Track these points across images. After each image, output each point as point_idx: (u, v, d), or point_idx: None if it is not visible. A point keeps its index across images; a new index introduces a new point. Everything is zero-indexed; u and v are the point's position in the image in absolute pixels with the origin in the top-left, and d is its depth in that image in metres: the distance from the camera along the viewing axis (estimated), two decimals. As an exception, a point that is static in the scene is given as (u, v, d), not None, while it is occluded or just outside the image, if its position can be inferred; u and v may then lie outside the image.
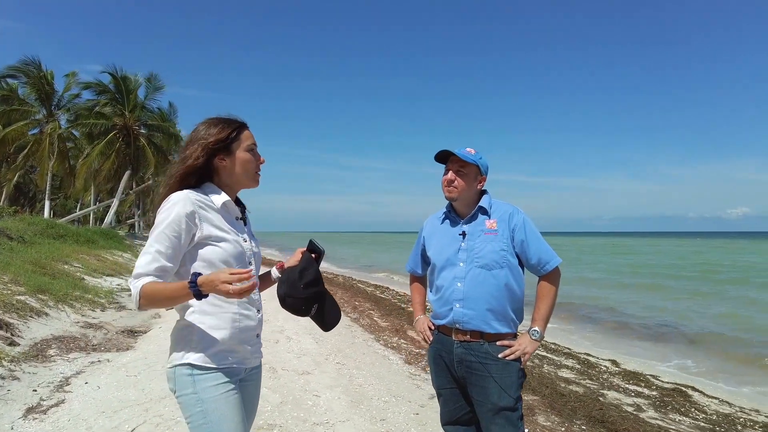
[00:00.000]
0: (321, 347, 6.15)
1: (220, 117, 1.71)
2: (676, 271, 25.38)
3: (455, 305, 2.22)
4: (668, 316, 11.71)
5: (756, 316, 11.87)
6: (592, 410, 4.56)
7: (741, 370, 7.29)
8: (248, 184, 1.71)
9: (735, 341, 9.24)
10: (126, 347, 6.01)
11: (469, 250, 2.23)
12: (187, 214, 1.54)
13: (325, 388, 4.47)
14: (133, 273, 1.52)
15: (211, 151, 1.64)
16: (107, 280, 10.76)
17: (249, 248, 1.70)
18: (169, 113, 30.58)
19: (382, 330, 8.03)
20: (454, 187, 2.26)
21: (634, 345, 8.78)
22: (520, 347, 2.18)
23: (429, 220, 2.50)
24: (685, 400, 5.41)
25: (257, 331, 1.71)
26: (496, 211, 2.28)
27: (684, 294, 16.03)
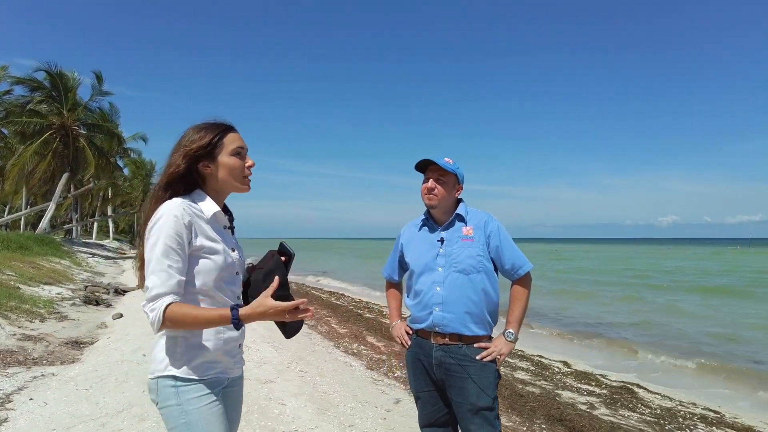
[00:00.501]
0: (281, 355, 6.05)
1: (206, 122, 1.66)
2: (613, 276, 26.82)
3: (434, 309, 2.28)
4: (606, 320, 12.35)
5: (682, 319, 12.76)
6: (550, 409, 4.75)
7: (674, 368, 7.81)
8: (237, 189, 1.66)
9: (667, 342, 9.88)
10: (71, 360, 5.67)
11: (447, 256, 2.30)
12: (185, 224, 1.51)
13: (290, 396, 4.41)
14: (150, 294, 1.46)
15: (193, 158, 1.59)
16: (45, 289, 10.09)
17: (237, 258, 1.67)
18: (110, 114, 29.18)
19: (341, 337, 7.99)
20: (434, 195, 2.32)
21: (580, 347, 9.20)
22: (496, 348, 2.26)
23: (406, 228, 2.56)
24: (632, 396, 5.73)
25: (240, 341, 1.68)
26: (473, 219, 2.38)
27: (618, 298, 16.94)
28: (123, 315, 8.34)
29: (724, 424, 5.02)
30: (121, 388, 4.38)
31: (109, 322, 7.98)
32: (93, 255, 23.15)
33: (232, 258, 1.62)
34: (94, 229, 41.12)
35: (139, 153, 36.28)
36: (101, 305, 9.68)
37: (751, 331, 11.06)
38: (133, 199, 36.06)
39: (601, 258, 48.25)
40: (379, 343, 7.57)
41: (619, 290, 19.16)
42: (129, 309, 8.99)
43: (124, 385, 4.44)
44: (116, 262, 23.05)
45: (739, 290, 19.29)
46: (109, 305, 9.83)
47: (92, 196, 37.21)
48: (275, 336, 6.89)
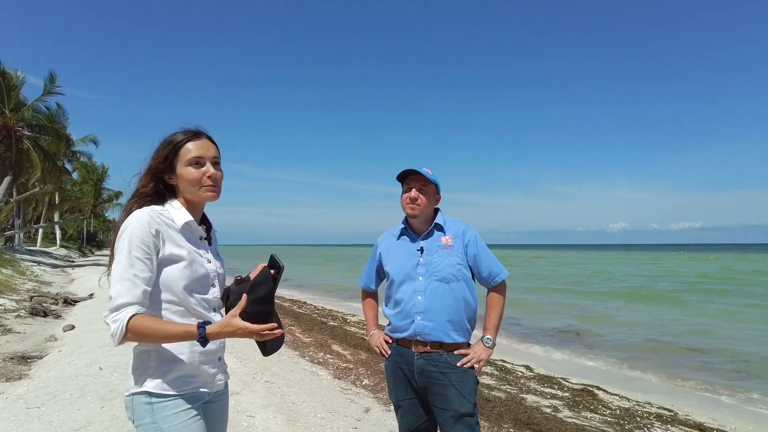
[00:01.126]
0: (246, 366, 5.90)
1: (169, 135, 1.63)
2: (567, 279, 27.72)
3: (416, 318, 2.30)
4: (562, 323, 12.75)
5: (620, 325, 13.34)
6: (517, 414, 4.84)
7: (627, 369, 8.13)
8: (201, 198, 1.61)
9: (616, 343, 10.30)
10: (18, 376, 5.32)
11: (427, 265, 2.33)
12: (152, 233, 1.48)
13: (258, 407, 4.30)
14: (112, 304, 1.41)
15: (156, 176, 1.61)
16: (-14, 301, 9.46)
17: (213, 269, 1.63)
18: (58, 114, 27.78)
19: (306, 346, 7.87)
20: (417, 205, 2.34)
21: (539, 349, 9.44)
22: (476, 355, 2.31)
23: (384, 237, 2.56)
24: (593, 398, 5.92)
25: (219, 354, 1.64)
26: (451, 228, 2.42)
27: (569, 301, 17.54)
28: (75, 326, 7.91)
29: (677, 422, 5.27)
30: (77, 404, 4.14)
31: (60, 334, 7.55)
32: (38, 263, 21.92)
33: (206, 269, 1.58)
34: (38, 236, 38.93)
35: (89, 156, 34.75)
36: (50, 316, 9.15)
37: (692, 334, 11.69)
38: (82, 204, 34.36)
39: (547, 264, 49.77)
40: (345, 351, 7.51)
41: (559, 296, 19.81)
42: (81, 320, 8.55)
43: (80, 402, 4.20)
44: (64, 270, 21.88)
45: (673, 296, 20.33)
46: (58, 316, 9.31)
47: (37, 201, 35.26)
48: (239, 346, 6.72)
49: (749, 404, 6.26)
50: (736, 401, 6.38)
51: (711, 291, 21.08)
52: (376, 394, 5.19)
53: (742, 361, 8.79)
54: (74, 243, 50.91)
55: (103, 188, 33.25)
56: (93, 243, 60.18)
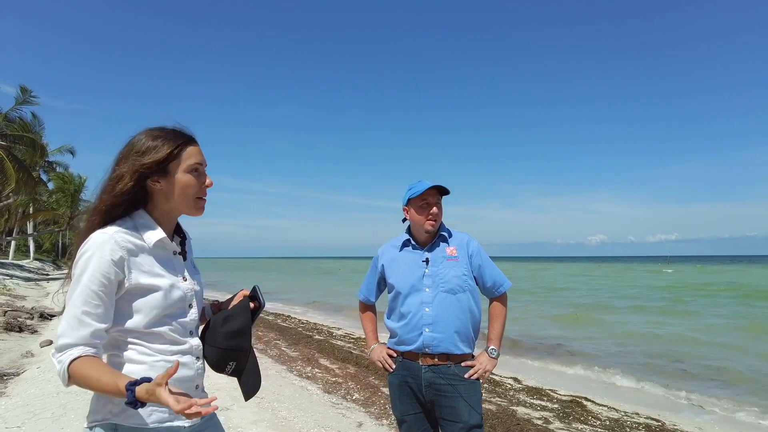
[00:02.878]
0: (233, 382, 5.75)
1: (162, 128, 1.42)
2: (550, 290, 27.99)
3: (425, 330, 2.28)
4: (546, 333, 12.85)
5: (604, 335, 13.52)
6: (509, 426, 4.83)
7: (614, 380, 8.22)
8: (188, 211, 1.44)
9: (600, 354, 10.42)
10: (-6, 394, 5.12)
11: (433, 276, 2.31)
12: (115, 261, 1.28)
13: (250, 423, 4.20)
14: (57, 343, 1.24)
15: (143, 174, 1.36)
16: (-42, 316, 9.10)
17: (189, 288, 1.44)
18: (33, 124, 27.19)
19: (293, 360, 7.75)
20: (436, 221, 2.35)
21: (526, 361, 9.48)
22: (481, 366, 2.31)
23: (385, 249, 2.53)
24: (582, 409, 5.95)
25: (196, 381, 1.45)
26: (455, 239, 2.42)
27: (553, 312, 17.72)
28: (53, 342, 7.65)
29: (666, 431, 5.32)
30: (59, 423, 4.00)
31: (37, 350, 7.31)
32: (11, 277, 21.23)
33: (182, 290, 1.40)
34: (11, 249, 37.77)
35: (65, 167, 34.02)
36: (25, 332, 8.86)
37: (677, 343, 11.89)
38: (58, 216, 33.50)
39: (526, 275, 50.28)
40: (332, 365, 7.41)
41: (542, 307, 20.01)
42: (58, 335, 8.29)
43: (62, 420, 4.06)
44: (38, 284, 21.25)
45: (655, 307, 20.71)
46: (34, 331, 9.01)
47: (10, 213, 34.25)
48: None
49: (733, 413, 6.37)
50: (721, 411, 6.49)
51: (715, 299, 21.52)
52: (367, 408, 5.12)
53: (723, 370, 8.97)
54: (48, 256, 49.55)
55: (81, 199, 32.50)
56: (68, 255, 58.64)
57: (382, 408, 5.15)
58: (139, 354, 1.34)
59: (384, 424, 4.62)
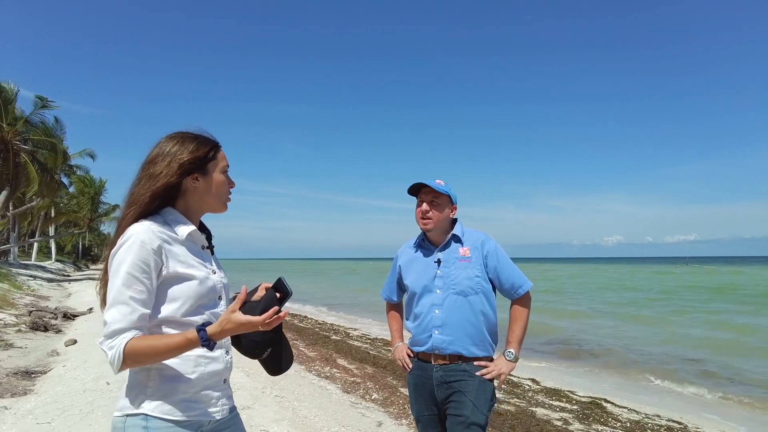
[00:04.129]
0: (254, 381, 5.85)
1: (193, 132, 1.52)
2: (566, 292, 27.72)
3: (434, 332, 2.26)
4: (564, 335, 12.74)
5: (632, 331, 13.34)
6: (529, 427, 4.82)
7: (633, 382, 8.13)
8: (218, 208, 1.54)
9: (619, 356, 10.29)
10: (23, 391, 5.26)
11: (444, 277, 2.29)
12: (154, 250, 1.35)
13: (271, 422, 4.26)
14: (108, 330, 1.28)
15: (187, 170, 1.44)
16: (-15, 315, 9.36)
17: (219, 280, 1.50)
18: (54, 128, 27.76)
19: (311, 360, 7.82)
20: (428, 218, 2.31)
21: (542, 362, 9.42)
22: (496, 368, 2.26)
23: (403, 249, 2.53)
24: (602, 411, 5.90)
25: (225, 375, 1.49)
26: (469, 239, 2.36)
27: (571, 314, 17.54)
28: (77, 341, 7.84)
29: (689, 435, 5.25)
30: (88, 420, 4.10)
31: (62, 349, 7.48)
32: (34, 278, 21.72)
33: (213, 281, 1.47)
34: (33, 250, 38.61)
35: (86, 170, 34.67)
36: (50, 331, 9.07)
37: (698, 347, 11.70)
38: (78, 218, 34.17)
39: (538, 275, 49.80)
40: (350, 365, 7.46)
41: (560, 309, 19.81)
42: (82, 334, 8.47)
43: (90, 417, 4.16)
44: (61, 284, 21.71)
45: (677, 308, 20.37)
46: (59, 331, 9.22)
47: (32, 215, 35.04)
48: (245, 361, 6.67)
49: (761, 416, 6.27)
50: (747, 413, 6.38)
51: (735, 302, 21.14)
52: (386, 408, 5.15)
53: (747, 372, 8.81)
54: (69, 257, 50.53)
55: (101, 202, 33.13)
56: (88, 257, 59.77)
57: (401, 408, 5.17)
58: None
59: (403, 424, 4.64)
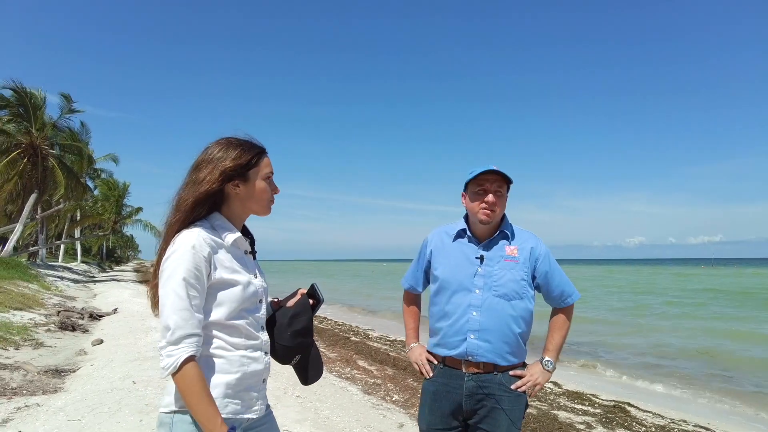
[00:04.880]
0: (276, 381, 5.91)
1: (239, 139, 1.56)
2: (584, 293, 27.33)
3: (469, 336, 2.04)
4: (586, 338, 12.55)
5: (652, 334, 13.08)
6: (551, 430, 4.79)
7: (658, 386, 7.97)
8: (260, 212, 1.58)
9: (642, 359, 10.11)
10: (54, 389, 5.40)
11: (486, 277, 2.05)
12: (205, 257, 1.40)
13: (294, 422, 4.31)
14: (172, 336, 1.33)
15: (228, 176, 1.48)
16: (16, 315, 9.63)
17: (260, 285, 1.55)
18: (81, 133, 28.47)
19: (332, 361, 7.87)
20: (493, 211, 2.05)
21: (564, 365, 9.30)
22: (532, 378, 2.07)
23: (437, 235, 2.23)
24: (625, 415, 5.81)
25: (264, 375, 1.55)
26: (518, 238, 2.13)
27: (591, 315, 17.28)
28: (103, 341, 8.02)
29: (717, 441, 5.15)
30: (116, 417, 4.19)
31: (89, 348, 7.66)
32: (61, 278, 22.28)
33: (255, 286, 1.52)
34: (60, 252, 39.64)
35: (110, 174, 35.44)
36: (78, 331, 9.29)
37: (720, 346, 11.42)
38: (103, 221, 34.98)
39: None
40: (371, 367, 7.49)
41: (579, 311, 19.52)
42: (108, 334, 8.66)
43: (118, 415, 4.26)
44: (86, 285, 22.22)
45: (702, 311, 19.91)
46: (85, 331, 9.44)
47: (59, 218, 35.96)
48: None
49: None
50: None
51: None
52: (407, 410, 5.17)
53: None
54: (94, 259, 51.71)
55: (124, 204, 33.85)
56: (112, 259, 61.07)
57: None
58: (218, 348, 1.44)
59: (424, 426, 4.64)
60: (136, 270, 47.08)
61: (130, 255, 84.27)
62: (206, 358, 1.43)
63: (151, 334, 8.22)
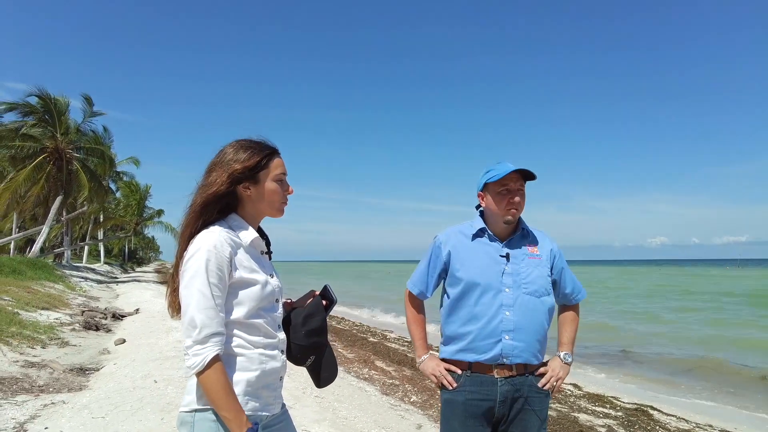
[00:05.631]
0: (294, 381, 5.94)
1: (251, 140, 1.57)
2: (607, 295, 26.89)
3: (504, 337, 1.98)
4: (606, 340, 12.35)
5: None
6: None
7: (681, 389, 7.79)
8: (271, 214, 1.59)
9: (665, 362, 9.89)
10: (78, 387, 5.53)
11: (514, 275, 2.02)
12: (227, 257, 1.42)
13: (312, 422, 4.33)
14: (198, 335, 1.34)
15: (237, 179, 1.49)
16: (43, 314, 9.88)
17: (276, 284, 1.57)
18: (103, 137, 29.10)
19: (350, 362, 7.89)
20: (518, 210, 2.06)
21: (584, 367, 9.17)
22: (554, 373, 2.05)
23: (451, 235, 2.16)
24: (648, 419, 5.71)
25: (282, 373, 1.56)
26: (536, 236, 2.16)
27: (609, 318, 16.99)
28: (125, 340, 8.18)
29: (744, 446, 5.01)
30: (138, 415, 4.27)
31: (112, 347, 7.82)
32: (85, 279, 22.78)
33: (272, 285, 1.53)
34: (84, 253, 40.56)
35: (131, 176, 36.16)
36: (101, 330, 9.49)
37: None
38: (125, 222, 35.71)
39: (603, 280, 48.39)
40: (388, 367, 7.49)
41: (598, 312, 19.20)
42: (131, 334, 8.83)
43: (140, 413, 4.33)
44: (109, 286, 22.69)
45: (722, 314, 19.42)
46: (108, 330, 9.64)
47: (83, 220, 36.81)
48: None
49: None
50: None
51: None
52: (425, 411, 5.15)
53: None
54: (116, 260, 52.77)
55: (145, 206, 34.47)
56: (134, 260, 62.27)
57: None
58: (238, 347, 1.46)
59: None
60: (157, 271, 47.90)
61: (151, 256, 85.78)
62: (227, 356, 1.44)
63: (171, 334, 8.34)
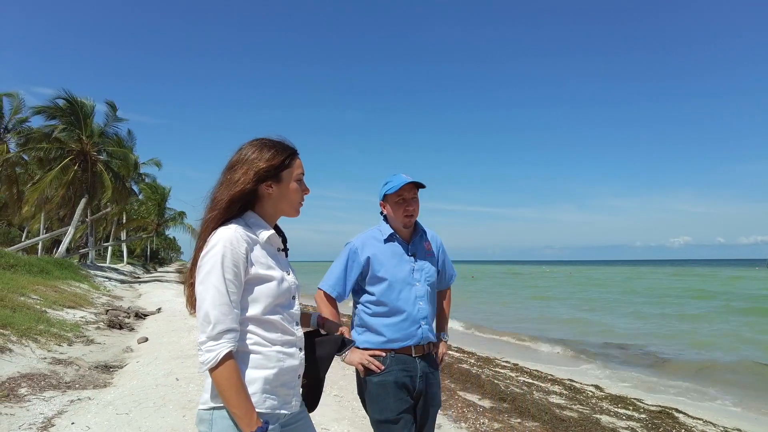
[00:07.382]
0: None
1: (272, 140, 1.59)
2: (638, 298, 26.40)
3: (422, 323, 2.36)
4: (626, 341, 12.12)
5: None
6: (594, 435, 4.63)
7: (707, 392, 7.60)
8: (290, 213, 1.62)
9: (690, 364, 9.66)
10: (103, 384, 5.65)
11: (420, 270, 2.41)
12: (243, 254, 1.43)
13: (332, 421, 4.35)
14: (212, 331, 1.35)
15: (262, 177, 1.51)
16: (69, 313, 10.13)
17: (293, 281, 1.58)
18: (127, 140, 29.70)
19: (367, 360, 7.89)
20: (413, 216, 2.41)
21: (605, 369, 9.01)
22: (444, 351, 2.54)
23: (366, 242, 2.41)
24: (673, 422, 5.58)
25: (299, 371, 1.56)
26: (429, 235, 2.55)
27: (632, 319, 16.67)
28: (148, 339, 8.33)
29: (774, 451, 4.87)
30: (161, 412, 4.34)
31: (135, 346, 7.96)
32: (109, 279, 23.27)
33: (289, 282, 1.54)
34: (108, 253, 41.43)
35: (153, 178, 36.79)
36: (124, 329, 9.68)
37: None
38: (146, 223, 36.37)
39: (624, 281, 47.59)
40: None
41: (619, 313, 18.84)
42: (153, 333, 8.98)
43: (163, 410, 4.41)
44: (132, 286, 23.14)
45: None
46: (131, 329, 9.83)
47: (106, 221, 37.59)
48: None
49: None
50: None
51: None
52: (444, 412, 5.12)
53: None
54: (138, 260, 53.76)
55: (166, 208, 35.04)
56: (155, 260, 63.37)
57: (459, 411, 5.13)
58: (255, 344, 1.47)
59: (462, 427, 4.60)
60: (178, 271, 48.65)
61: (172, 256, 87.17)
62: (243, 354, 1.45)
63: (192, 333, 8.46)
